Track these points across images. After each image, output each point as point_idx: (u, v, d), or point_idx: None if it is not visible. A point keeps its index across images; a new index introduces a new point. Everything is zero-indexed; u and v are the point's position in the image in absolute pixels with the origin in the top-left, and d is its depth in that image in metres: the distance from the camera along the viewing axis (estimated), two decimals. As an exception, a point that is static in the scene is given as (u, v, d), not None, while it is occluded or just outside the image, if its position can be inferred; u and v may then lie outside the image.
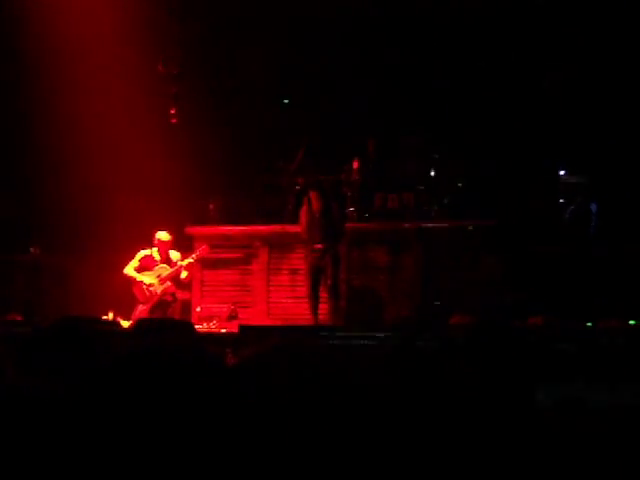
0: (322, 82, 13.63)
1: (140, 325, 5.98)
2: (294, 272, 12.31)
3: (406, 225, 12.10)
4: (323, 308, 11.58)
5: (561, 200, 12.44)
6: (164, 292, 11.85)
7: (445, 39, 13.27)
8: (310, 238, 11.47)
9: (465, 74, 13.14)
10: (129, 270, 11.83)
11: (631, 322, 9.21)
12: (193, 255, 11.99)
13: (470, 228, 11.72)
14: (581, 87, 12.73)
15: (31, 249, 13.55)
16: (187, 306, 12.50)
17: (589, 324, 9.13)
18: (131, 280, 11.84)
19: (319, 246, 11.34)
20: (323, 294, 11.58)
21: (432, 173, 12.69)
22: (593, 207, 11.84)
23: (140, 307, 11.79)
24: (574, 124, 12.54)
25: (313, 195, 11.50)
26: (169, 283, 11.89)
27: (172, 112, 13.07)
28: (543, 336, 7.47)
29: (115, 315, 11.55)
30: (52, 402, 1.99)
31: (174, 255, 11.97)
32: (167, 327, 5.65)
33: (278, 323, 11.84)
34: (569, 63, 12.81)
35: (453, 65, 13.23)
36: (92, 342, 3.94)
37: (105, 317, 11.21)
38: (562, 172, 12.56)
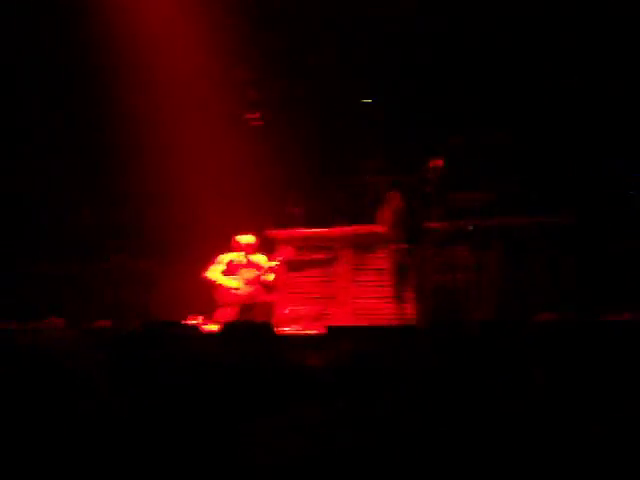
0: (401, 81, 13.60)
1: (227, 329, 6.07)
2: (379, 272, 12.29)
3: (488, 223, 12.01)
4: (408, 308, 11.55)
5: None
6: (251, 295, 11.94)
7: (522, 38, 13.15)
8: (394, 237, 11.45)
9: (545, 70, 13.00)
10: (215, 274, 11.95)
11: None
12: (278, 258, 12.06)
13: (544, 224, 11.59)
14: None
15: (116, 256, 13.76)
16: (273, 308, 12.57)
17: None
18: (213, 284, 11.95)
19: (403, 245, 11.31)
20: (408, 294, 11.55)
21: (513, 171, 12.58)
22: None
23: (226, 310, 11.89)
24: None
25: (395, 194, 11.48)
26: (256, 286, 11.98)
27: (252, 117, 13.16)
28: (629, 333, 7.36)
29: (202, 319, 11.68)
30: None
31: (259, 258, 12.06)
32: (253, 330, 5.73)
33: (364, 323, 11.85)
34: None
35: (532, 60, 13.09)
36: (178, 346, 4.01)
37: (192, 321, 11.36)
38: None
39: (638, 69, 12.49)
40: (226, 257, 12.03)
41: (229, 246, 12.07)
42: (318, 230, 12.77)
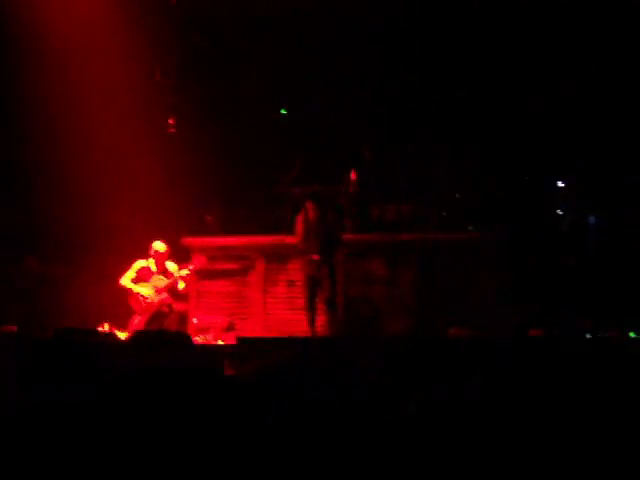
0: (319, 92, 13.62)
1: (137, 337, 5.95)
2: (291, 283, 12.25)
3: (404, 237, 12.07)
4: (320, 320, 11.53)
5: (559, 211, 12.43)
6: (161, 303, 11.78)
7: (443, 46, 13.25)
8: (306, 249, 11.41)
9: (463, 82, 13.12)
10: (125, 281, 11.78)
11: (631, 334, 9.18)
12: (190, 266, 11.92)
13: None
14: (581, 99, 12.72)
15: (27, 260, 13.51)
16: (184, 317, 12.44)
17: (588, 336, 9.11)
18: (127, 291, 11.78)
19: (316, 257, 11.28)
20: (320, 305, 11.52)
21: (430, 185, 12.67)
22: (591, 219, 11.83)
23: (137, 318, 11.72)
24: (574, 135, 12.52)
25: (309, 206, 11.45)
26: (166, 294, 11.83)
27: (170, 122, 13.05)
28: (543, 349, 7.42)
29: (111, 326, 11.50)
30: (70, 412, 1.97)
31: (171, 266, 11.91)
32: (164, 339, 5.62)
33: (275, 335, 11.79)
34: (571, 74, 12.79)
35: (452, 73, 13.20)
36: (89, 354, 3.90)
37: (101, 328, 11.17)
38: (560, 183, 12.55)
39: (564, 87, 12.68)
40: (138, 264, 11.86)
41: (143, 252, 11.90)
42: (232, 239, 12.69)
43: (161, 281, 11.81)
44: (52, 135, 13.27)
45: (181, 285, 11.89)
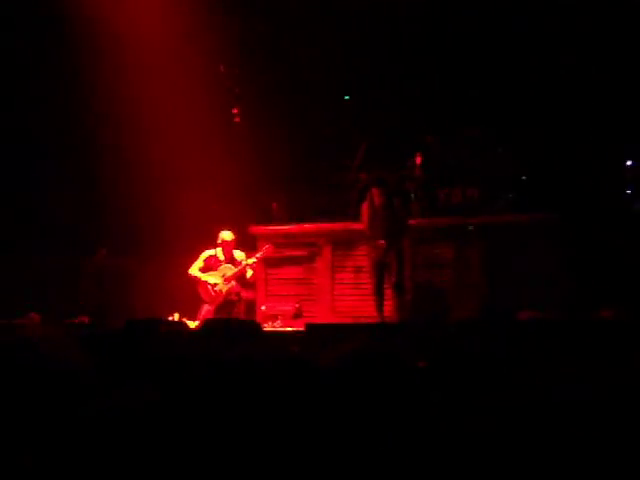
0: (383, 77, 13.57)
1: (207, 326, 5.97)
2: (358, 269, 12.24)
3: (471, 220, 11.98)
4: (388, 305, 11.50)
5: (628, 191, 12.24)
6: (229, 292, 11.86)
7: (503, 30, 13.12)
8: (373, 235, 11.38)
9: (526, 65, 12.98)
10: (194, 270, 11.87)
11: None
12: (257, 254, 11.98)
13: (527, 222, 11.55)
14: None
15: (99, 251, 13.67)
16: (252, 305, 12.50)
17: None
18: (196, 280, 11.87)
19: (382, 242, 11.24)
20: (388, 291, 11.49)
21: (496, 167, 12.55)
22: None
23: (205, 307, 11.81)
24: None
25: (375, 191, 11.41)
26: (234, 283, 11.90)
27: (235, 112, 13.11)
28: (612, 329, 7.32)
29: (181, 316, 11.60)
30: (148, 410, 1.97)
31: (238, 255, 11.97)
32: (234, 327, 5.63)
33: (343, 321, 11.78)
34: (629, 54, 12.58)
35: (513, 57, 13.07)
36: (161, 344, 3.92)
37: (171, 318, 11.27)
38: (629, 162, 12.34)
39: (622, 67, 12.47)
40: (206, 253, 11.94)
41: (210, 242, 11.98)
42: (298, 226, 12.71)
43: (229, 270, 11.87)
44: (121, 129, 13.40)
45: (249, 273, 11.94)
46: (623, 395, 2.08)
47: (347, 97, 14.45)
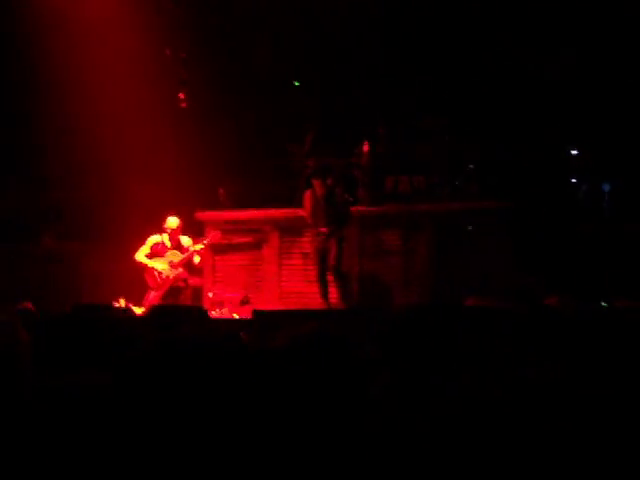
0: (333, 64, 13.57)
1: (154, 312, 5.94)
2: (305, 256, 12.24)
3: (418, 208, 12.04)
4: (334, 292, 11.53)
5: (573, 180, 12.37)
6: (176, 278, 11.81)
7: (456, 22, 13.18)
8: (314, 222, 11.43)
9: (475, 54, 13.06)
10: (140, 256, 11.80)
11: (648, 302, 9.13)
12: (205, 241, 11.94)
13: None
14: (592, 67, 12.64)
15: (43, 238, 13.55)
16: (199, 292, 12.47)
17: (604, 304, 9.06)
18: (142, 266, 11.80)
19: (323, 230, 11.30)
20: (331, 277, 11.53)
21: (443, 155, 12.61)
22: (605, 186, 11.77)
23: (152, 293, 11.75)
24: (587, 103, 12.45)
25: (316, 181, 11.46)
26: (181, 269, 11.85)
27: (181, 97, 13.03)
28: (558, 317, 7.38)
29: (127, 302, 11.53)
30: (95, 391, 1.95)
31: (185, 241, 11.92)
32: (180, 313, 5.61)
33: (290, 307, 11.79)
34: (580, 42, 12.70)
35: (463, 46, 13.13)
36: (106, 329, 3.89)
37: (117, 304, 11.19)
38: (574, 151, 12.48)
39: (578, 54, 12.60)
40: (152, 239, 11.87)
41: (157, 228, 11.91)
42: (246, 213, 12.68)
43: (176, 256, 11.82)
44: (66, 112, 13.26)
45: (196, 259, 11.91)
46: (565, 378, 2.10)
47: (297, 83, 14.42)
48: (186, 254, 11.82)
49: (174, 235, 11.87)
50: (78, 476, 1.90)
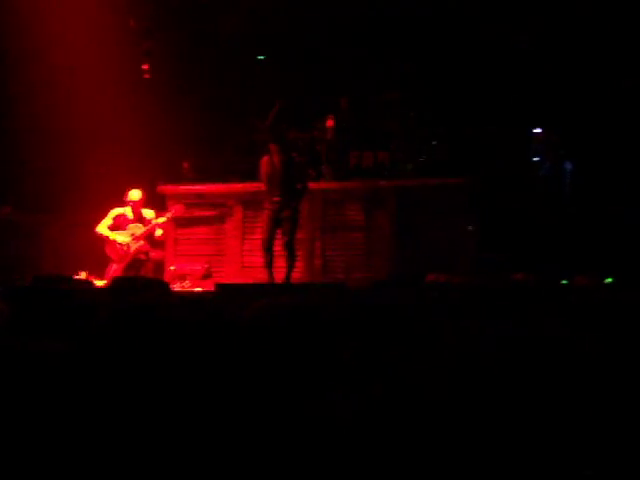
0: (296, 38, 13.54)
1: (115, 283, 5.92)
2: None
3: (381, 183, 12.06)
4: (299, 266, 11.52)
5: (535, 158, 12.44)
6: (138, 251, 11.77)
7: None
8: (269, 190, 11.21)
9: (438, 31, 13.07)
10: (102, 229, 11.74)
11: (607, 280, 9.23)
12: (167, 214, 11.90)
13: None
14: (554, 44, 12.70)
15: (2, 208, 13.43)
16: (161, 265, 12.43)
17: (564, 282, 9.15)
18: (104, 239, 11.75)
19: (278, 199, 11.10)
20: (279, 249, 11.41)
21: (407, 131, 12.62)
22: (567, 165, 11.84)
23: (114, 266, 11.71)
24: (549, 80, 12.52)
25: (273, 148, 11.26)
26: (143, 242, 11.81)
27: (145, 68, 12.94)
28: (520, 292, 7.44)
29: (88, 274, 11.48)
30: (58, 358, 1.94)
31: (148, 213, 11.88)
32: (142, 286, 5.60)
33: (252, 281, 11.77)
34: (542, 20, 12.76)
35: (427, 22, 13.14)
36: (68, 301, 3.88)
37: (78, 276, 11.14)
38: (537, 130, 12.54)
39: (543, 30, 12.65)
40: (114, 212, 11.81)
41: (119, 200, 11.85)
42: (209, 186, 12.64)
43: (138, 229, 11.78)
44: (24, 83, 13.14)
45: (158, 232, 11.87)
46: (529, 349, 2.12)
47: (261, 57, 14.36)
48: (148, 227, 11.78)
49: (136, 208, 11.82)
50: (37, 445, 1.89)
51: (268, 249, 11.12)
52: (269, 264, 11.12)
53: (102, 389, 1.79)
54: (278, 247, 11.16)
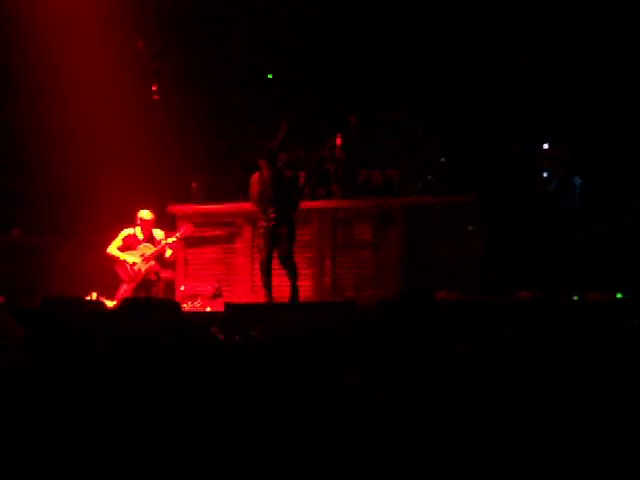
0: (304, 57, 13.57)
1: (125, 304, 5.93)
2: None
3: (391, 201, 12.07)
4: (306, 284, 11.52)
5: (545, 174, 12.42)
6: (148, 271, 11.77)
7: (426, 16, 13.22)
8: (262, 207, 10.86)
9: (449, 49, 13.10)
10: (112, 249, 11.75)
11: (618, 295, 9.22)
12: (177, 234, 11.90)
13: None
14: (564, 59, 12.72)
15: (13, 230, 13.48)
16: (171, 285, 12.43)
17: (576, 297, 9.14)
18: (114, 259, 11.76)
19: (274, 215, 10.72)
20: (304, 270, 11.40)
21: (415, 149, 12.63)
22: (577, 180, 11.82)
23: (124, 287, 11.71)
24: (558, 96, 12.52)
25: (263, 163, 10.88)
26: (153, 262, 11.81)
27: (154, 89, 12.98)
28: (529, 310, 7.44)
29: (99, 295, 11.49)
30: (58, 384, 1.95)
31: (157, 234, 11.89)
32: (152, 306, 5.60)
33: (262, 300, 11.76)
34: (552, 36, 12.77)
35: (434, 40, 13.17)
36: (77, 323, 3.89)
37: (88, 297, 11.15)
38: (545, 145, 12.53)
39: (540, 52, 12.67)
40: (124, 232, 11.83)
41: (129, 221, 11.87)
42: (218, 206, 12.66)
43: (148, 249, 11.78)
44: (34, 107, 13.20)
45: (168, 253, 11.87)
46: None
47: (270, 75, 14.40)
48: (158, 247, 11.79)
49: (146, 228, 11.83)
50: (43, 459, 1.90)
51: (267, 270, 10.86)
52: (268, 284, 10.86)
53: (107, 414, 1.80)
54: (275, 265, 10.95)
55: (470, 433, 1.73)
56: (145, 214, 11.81)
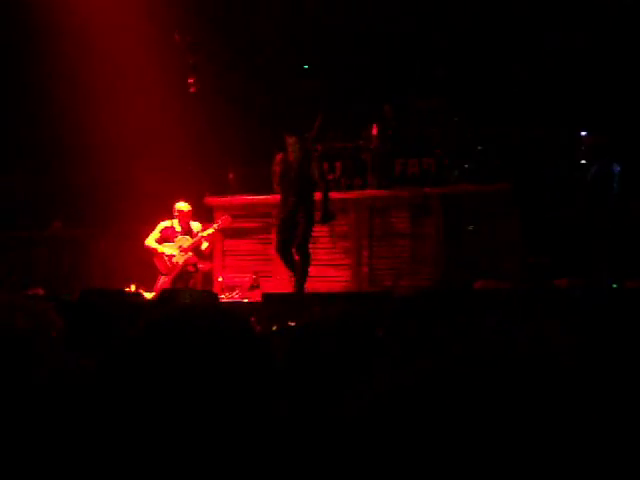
0: (340, 47, 13.54)
1: (163, 296, 5.95)
2: (316, 240, 12.21)
3: (427, 190, 12.02)
4: (344, 275, 11.51)
5: (583, 161, 12.33)
6: (186, 263, 11.83)
7: (463, 2, 13.17)
8: (283, 190, 10.78)
9: (483, 35, 13.02)
10: (150, 242, 11.82)
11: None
12: (214, 225, 11.95)
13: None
14: (601, 47, 12.60)
15: (53, 224, 13.59)
16: (209, 277, 12.49)
17: (615, 285, 9.07)
18: (152, 252, 11.83)
19: (294, 199, 10.59)
20: (343, 261, 11.41)
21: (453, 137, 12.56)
22: (615, 168, 11.72)
23: (162, 278, 11.78)
24: (596, 82, 12.41)
25: (291, 140, 10.75)
26: (190, 254, 11.86)
27: (190, 81, 13.02)
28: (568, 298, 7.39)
29: (137, 287, 11.56)
30: (85, 377, 1.95)
31: (195, 226, 11.94)
32: (191, 297, 5.62)
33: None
34: (588, 23, 12.66)
35: (471, 27, 13.11)
36: (116, 314, 3.91)
37: (127, 289, 11.23)
38: (584, 133, 12.43)
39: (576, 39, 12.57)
40: (162, 224, 11.89)
41: (167, 213, 11.93)
42: (255, 197, 12.68)
43: (186, 241, 11.84)
44: (73, 98, 13.29)
45: (205, 245, 11.92)
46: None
47: (306, 66, 14.39)
48: (195, 239, 11.83)
49: (184, 220, 11.88)
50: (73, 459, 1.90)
51: (285, 251, 10.72)
52: (291, 264, 10.77)
53: (133, 410, 1.79)
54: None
55: (507, 424, 1.72)
56: (182, 206, 11.87)
